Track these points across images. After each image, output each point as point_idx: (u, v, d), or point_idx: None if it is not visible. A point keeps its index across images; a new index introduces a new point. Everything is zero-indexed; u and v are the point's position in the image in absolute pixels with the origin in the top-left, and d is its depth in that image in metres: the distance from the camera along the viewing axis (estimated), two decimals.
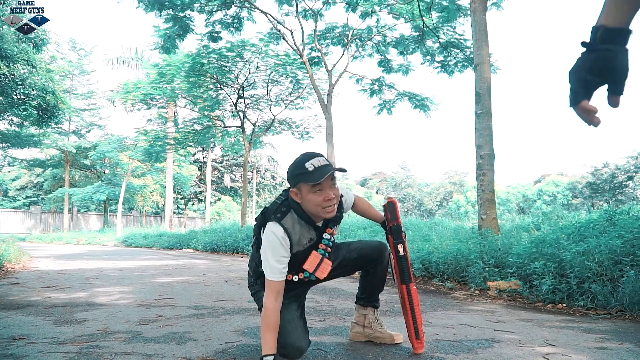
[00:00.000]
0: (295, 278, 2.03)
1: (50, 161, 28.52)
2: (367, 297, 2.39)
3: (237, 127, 16.18)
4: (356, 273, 2.38)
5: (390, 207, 2.16)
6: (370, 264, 2.28)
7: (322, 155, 1.93)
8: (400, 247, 2.12)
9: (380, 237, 7.08)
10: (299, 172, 1.88)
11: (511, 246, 4.59)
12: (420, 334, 2.11)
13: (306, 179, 1.86)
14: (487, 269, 4.43)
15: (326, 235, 2.03)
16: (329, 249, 2.05)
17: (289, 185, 1.97)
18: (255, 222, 2.11)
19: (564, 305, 3.58)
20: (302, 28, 11.37)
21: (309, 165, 1.86)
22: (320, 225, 2.02)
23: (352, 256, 2.25)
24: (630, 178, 32.82)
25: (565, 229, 4.42)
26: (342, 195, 2.15)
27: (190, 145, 18.42)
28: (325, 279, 2.20)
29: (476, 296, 4.23)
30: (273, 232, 1.90)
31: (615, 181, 33.34)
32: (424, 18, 10.00)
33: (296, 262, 1.99)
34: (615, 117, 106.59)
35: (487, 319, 3.09)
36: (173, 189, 26.00)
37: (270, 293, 1.88)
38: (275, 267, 1.88)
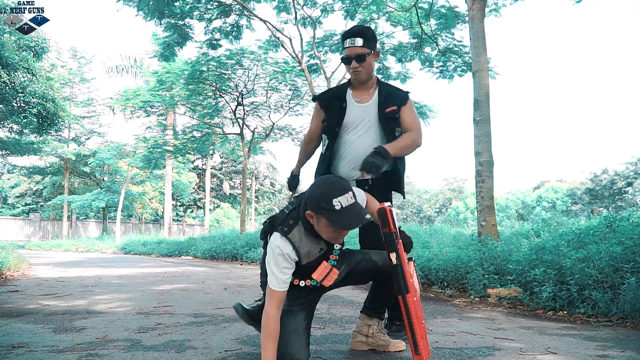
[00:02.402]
0: (302, 283, 2.00)
1: (50, 168, 28.50)
2: (375, 308, 2.35)
3: (236, 134, 16.20)
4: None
5: (381, 214, 2.03)
6: (385, 275, 2.20)
7: (350, 188, 1.84)
8: (392, 256, 1.98)
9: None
10: (323, 205, 1.78)
11: (511, 253, 4.58)
12: (420, 349, 1.93)
13: (330, 218, 1.78)
14: (487, 276, 4.42)
15: (337, 246, 2.00)
16: (337, 258, 2.03)
17: (307, 206, 1.87)
18: (262, 227, 2.09)
19: (565, 312, 3.57)
20: (300, 35, 11.40)
21: (336, 204, 1.77)
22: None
23: (367, 266, 2.18)
24: (629, 184, 32.85)
25: (565, 236, 4.41)
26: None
27: (190, 153, 18.42)
28: (337, 286, 2.18)
29: (476, 303, 4.22)
30: (278, 246, 1.87)
31: (614, 187, 33.37)
32: (422, 25, 10.05)
33: (305, 270, 1.96)
34: (613, 123, 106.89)
35: (488, 327, 3.09)
36: (172, 196, 25.95)
37: (272, 302, 1.86)
38: (279, 277, 1.86)
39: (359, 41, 2.41)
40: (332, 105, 2.59)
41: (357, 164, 2.43)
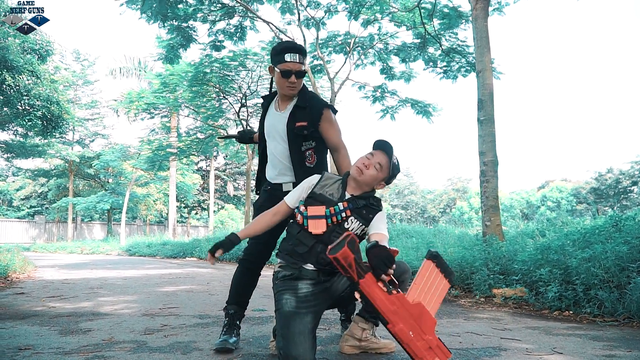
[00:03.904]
0: (298, 217, 2.15)
1: (55, 171, 28.61)
2: (371, 313, 2.32)
3: None
4: None
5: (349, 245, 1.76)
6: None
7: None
8: (357, 294, 1.85)
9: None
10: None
11: (516, 253, 4.57)
12: None
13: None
14: (492, 276, 4.41)
15: (340, 206, 2.10)
16: (334, 219, 2.08)
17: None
18: None
19: (571, 312, 3.55)
20: (304, 37, 11.40)
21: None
22: (347, 197, 2.15)
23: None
24: (634, 183, 32.71)
25: (570, 235, 4.40)
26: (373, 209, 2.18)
27: (193, 154, 18.46)
28: (343, 296, 2.18)
29: (482, 304, 4.21)
30: (312, 177, 2.25)
31: (619, 186, 33.24)
32: (425, 25, 10.04)
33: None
34: (618, 123, 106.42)
35: (493, 327, 3.08)
36: (176, 197, 26.02)
37: (275, 207, 2.23)
38: (294, 194, 2.20)
39: (301, 58, 2.43)
40: (264, 110, 2.67)
41: (275, 170, 2.56)
